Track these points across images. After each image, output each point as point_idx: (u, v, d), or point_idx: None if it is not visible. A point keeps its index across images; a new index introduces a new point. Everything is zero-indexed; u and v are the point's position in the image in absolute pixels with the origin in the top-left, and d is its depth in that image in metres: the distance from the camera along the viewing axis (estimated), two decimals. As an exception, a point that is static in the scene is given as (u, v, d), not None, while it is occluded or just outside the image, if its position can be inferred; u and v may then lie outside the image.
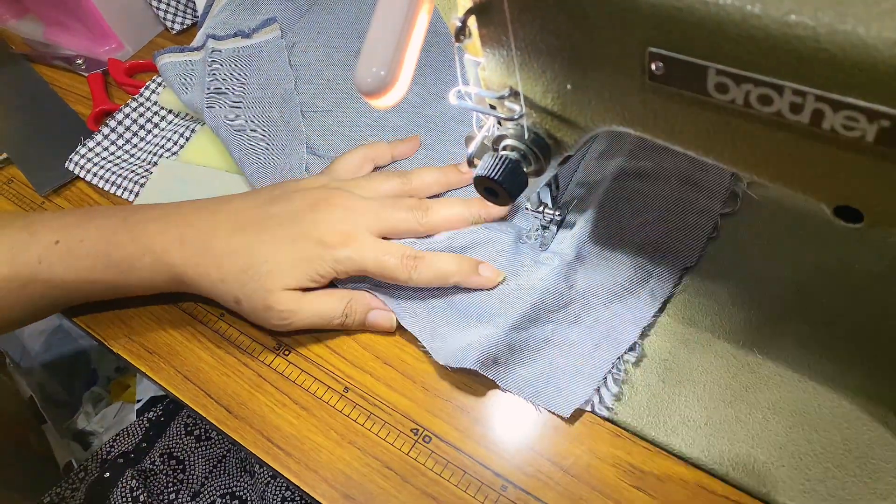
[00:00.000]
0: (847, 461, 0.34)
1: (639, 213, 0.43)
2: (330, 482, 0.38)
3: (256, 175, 0.49)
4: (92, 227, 0.42)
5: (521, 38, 0.27)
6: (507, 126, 0.33)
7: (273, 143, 0.51)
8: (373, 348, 0.43)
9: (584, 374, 0.38)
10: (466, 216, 0.44)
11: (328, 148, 0.51)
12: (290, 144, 0.51)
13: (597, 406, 0.38)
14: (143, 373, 0.44)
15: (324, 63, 0.56)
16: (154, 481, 0.62)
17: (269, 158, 0.50)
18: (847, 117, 0.20)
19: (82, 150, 0.55)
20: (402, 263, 0.40)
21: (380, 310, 0.42)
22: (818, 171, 0.23)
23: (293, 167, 0.50)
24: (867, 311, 0.38)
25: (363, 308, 0.42)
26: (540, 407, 0.38)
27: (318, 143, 0.51)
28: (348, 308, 0.41)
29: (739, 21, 0.20)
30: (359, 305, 0.42)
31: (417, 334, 0.41)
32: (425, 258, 0.41)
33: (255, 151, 0.50)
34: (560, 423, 0.38)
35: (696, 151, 0.26)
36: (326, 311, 0.41)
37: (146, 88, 0.59)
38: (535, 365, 0.39)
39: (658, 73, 0.24)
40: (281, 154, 0.50)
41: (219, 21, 0.57)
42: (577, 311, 0.40)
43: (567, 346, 0.39)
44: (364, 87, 0.29)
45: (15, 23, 0.71)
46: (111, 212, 0.43)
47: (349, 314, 0.41)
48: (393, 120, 0.52)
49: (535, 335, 0.39)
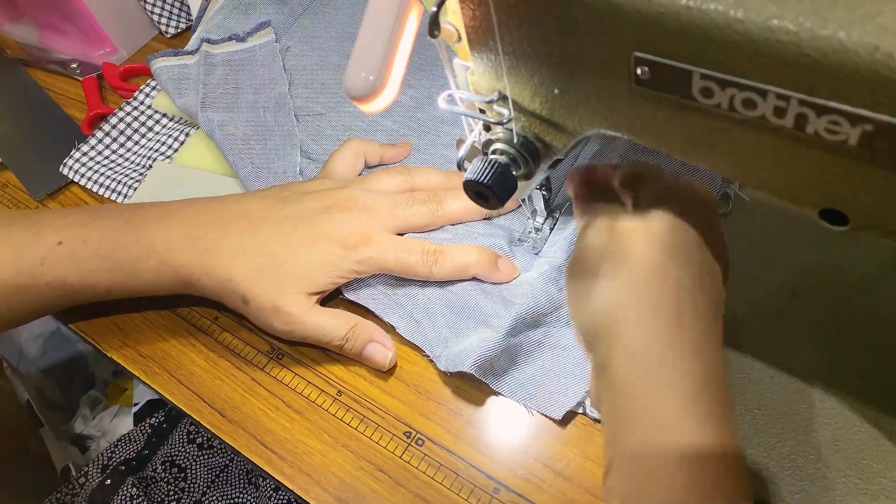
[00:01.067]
0: (838, 461, 0.34)
1: None
2: (323, 485, 0.38)
3: (250, 178, 0.49)
4: (96, 227, 0.41)
5: (509, 42, 0.27)
6: (497, 130, 0.33)
7: (267, 146, 0.51)
8: (366, 351, 0.43)
9: (575, 376, 0.38)
10: (481, 209, 0.44)
11: (321, 152, 0.51)
12: (284, 148, 0.51)
13: (588, 409, 0.38)
14: (138, 377, 0.44)
15: (318, 67, 0.56)
16: (155, 489, 0.62)
17: (262, 162, 0.50)
18: (830, 121, 0.20)
19: (76, 155, 0.56)
20: (422, 259, 0.40)
21: (379, 344, 0.41)
22: (803, 175, 0.23)
23: (287, 171, 0.50)
24: (859, 312, 0.38)
25: (365, 337, 0.41)
26: (532, 410, 0.39)
27: (311, 147, 0.51)
28: (351, 333, 0.41)
29: (723, 26, 0.20)
30: (362, 333, 0.41)
31: (420, 343, 0.41)
32: (445, 251, 0.41)
33: (249, 155, 0.50)
34: (552, 426, 0.38)
35: (682, 155, 0.26)
36: (329, 329, 0.40)
37: (140, 92, 0.59)
38: (527, 368, 0.39)
39: (644, 78, 0.24)
40: (275, 158, 0.50)
41: (213, 25, 0.58)
42: (568, 315, 0.40)
43: (559, 350, 0.39)
44: (353, 92, 0.29)
45: (10, 27, 0.71)
46: (116, 211, 0.43)
47: (350, 339, 0.41)
48: (386, 123, 0.52)
49: (529, 338, 0.39)
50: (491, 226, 0.45)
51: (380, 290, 0.43)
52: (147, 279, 0.41)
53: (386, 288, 0.43)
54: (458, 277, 0.41)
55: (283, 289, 0.40)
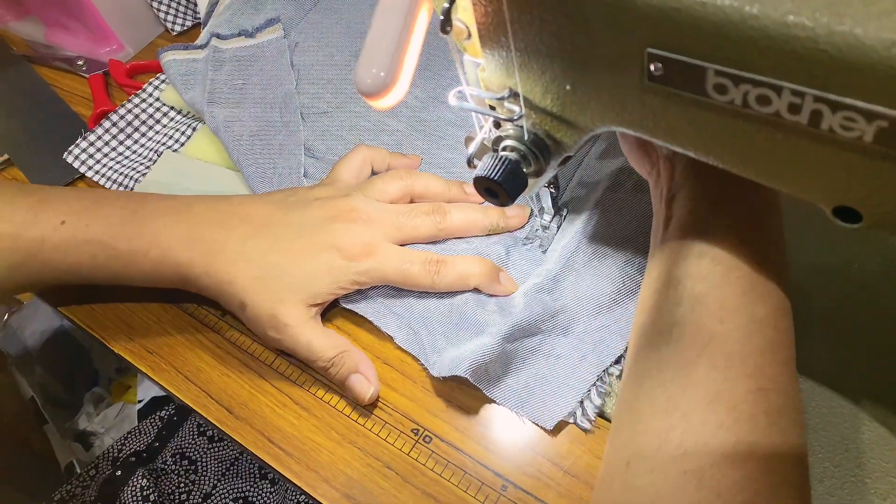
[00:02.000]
0: (846, 461, 0.34)
1: (628, 224, 0.43)
2: (331, 482, 0.38)
3: (254, 177, 0.49)
4: (100, 214, 0.41)
5: (521, 39, 0.27)
6: (507, 127, 0.33)
7: (271, 145, 0.51)
8: (373, 349, 0.43)
9: (569, 386, 0.38)
10: (484, 222, 0.44)
11: (326, 150, 0.51)
12: (288, 147, 0.51)
13: (579, 419, 0.38)
14: (144, 373, 0.44)
15: (325, 64, 0.56)
16: (165, 481, 0.62)
17: (266, 161, 0.50)
18: (845, 118, 0.20)
19: (83, 144, 0.56)
20: (424, 269, 0.40)
21: (363, 377, 0.40)
22: (817, 172, 0.23)
23: (291, 170, 0.50)
24: (867, 311, 0.38)
25: (350, 366, 0.40)
26: (524, 418, 0.38)
27: (316, 146, 0.51)
28: (337, 359, 0.40)
29: (738, 22, 0.20)
30: (348, 361, 0.40)
31: (416, 353, 0.41)
32: (447, 262, 0.41)
33: (252, 154, 0.50)
34: (560, 423, 0.38)
35: (695, 152, 0.26)
36: (317, 348, 0.40)
37: (149, 85, 0.59)
38: (520, 375, 0.39)
39: (657, 74, 0.24)
40: (278, 156, 0.50)
41: (223, 20, 0.58)
42: (565, 322, 0.40)
43: (553, 358, 0.39)
44: (363, 89, 0.29)
45: (16, 24, 0.71)
46: (122, 200, 0.43)
47: (335, 364, 0.40)
48: (391, 124, 0.52)
49: (524, 345, 0.39)
50: (490, 239, 0.44)
51: (378, 301, 0.42)
52: (145, 270, 0.41)
53: (384, 299, 0.43)
54: (459, 288, 0.41)
55: (283, 298, 0.40)
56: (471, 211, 0.44)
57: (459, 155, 0.49)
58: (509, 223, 0.44)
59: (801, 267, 0.40)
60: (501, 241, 0.44)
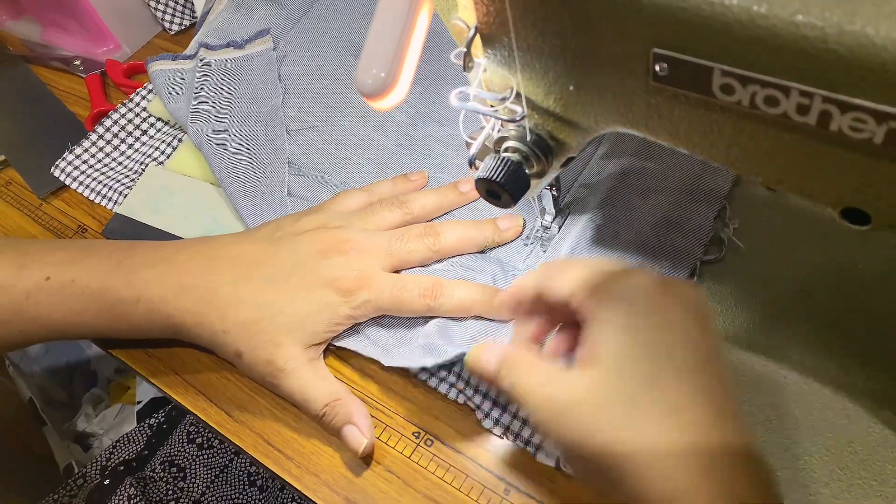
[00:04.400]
0: (852, 463, 0.34)
1: (631, 227, 0.42)
2: (331, 486, 0.38)
3: (237, 196, 0.48)
4: (85, 267, 0.40)
5: (524, 39, 0.27)
6: (509, 128, 0.32)
7: (255, 161, 0.50)
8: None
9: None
10: (478, 239, 0.43)
11: (311, 166, 0.50)
12: (273, 164, 0.50)
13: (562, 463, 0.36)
14: (144, 376, 0.44)
15: (313, 75, 0.55)
16: (154, 489, 0.61)
17: (250, 178, 0.49)
18: (855, 119, 0.20)
19: (69, 157, 0.55)
20: (419, 297, 0.39)
21: (356, 428, 0.38)
22: (825, 173, 0.23)
23: (274, 187, 0.49)
24: (872, 312, 0.38)
25: (344, 416, 0.38)
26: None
27: (301, 161, 0.51)
28: (329, 408, 0.38)
29: (746, 21, 0.20)
30: (341, 411, 0.38)
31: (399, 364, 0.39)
32: (444, 288, 0.39)
33: (236, 171, 0.49)
34: (563, 426, 0.38)
35: (700, 153, 0.26)
36: (312, 394, 0.38)
37: (136, 94, 0.59)
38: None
39: (662, 75, 0.23)
40: (262, 174, 0.49)
41: (213, 28, 0.57)
42: None
43: None
44: (364, 89, 0.28)
45: (12, 24, 0.70)
46: (107, 251, 0.42)
47: (328, 413, 0.38)
48: (379, 139, 0.51)
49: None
50: (485, 257, 0.44)
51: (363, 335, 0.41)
52: (135, 323, 0.40)
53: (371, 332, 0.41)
54: (459, 315, 0.40)
55: (279, 341, 0.38)
56: (464, 228, 0.43)
57: (447, 175, 0.48)
58: (504, 236, 0.43)
59: (805, 268, 0.40)
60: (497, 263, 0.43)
